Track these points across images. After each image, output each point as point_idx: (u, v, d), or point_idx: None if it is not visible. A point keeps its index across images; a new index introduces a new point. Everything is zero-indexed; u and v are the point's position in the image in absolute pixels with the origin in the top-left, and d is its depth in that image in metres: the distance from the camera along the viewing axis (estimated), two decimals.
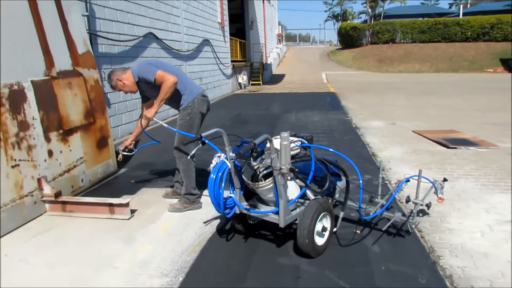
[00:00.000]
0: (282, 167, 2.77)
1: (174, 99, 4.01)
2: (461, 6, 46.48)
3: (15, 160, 3.67)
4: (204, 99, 4.14)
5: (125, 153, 4.28)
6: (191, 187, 4.07)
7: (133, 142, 4.34)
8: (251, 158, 2.97)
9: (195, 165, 4.13)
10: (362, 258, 3.09)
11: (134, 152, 4.37)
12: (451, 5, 68.76)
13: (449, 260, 3.04)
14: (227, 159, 2.98)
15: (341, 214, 3.37)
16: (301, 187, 3.16)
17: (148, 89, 4.01)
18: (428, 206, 3.48)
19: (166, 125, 3.93)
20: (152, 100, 4.08)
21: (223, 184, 3.00)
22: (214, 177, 2.98)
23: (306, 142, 3.25)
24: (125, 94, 7.99)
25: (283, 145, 2.75)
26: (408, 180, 3.56)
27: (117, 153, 4.39)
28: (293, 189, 3.08)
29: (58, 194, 4.04)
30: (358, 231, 3.50)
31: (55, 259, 3.14)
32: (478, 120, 9.00)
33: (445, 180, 3.58)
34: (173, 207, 4.06)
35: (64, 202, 4.03)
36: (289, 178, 2.92)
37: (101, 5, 7.26)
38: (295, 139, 3.19)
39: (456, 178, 4.93)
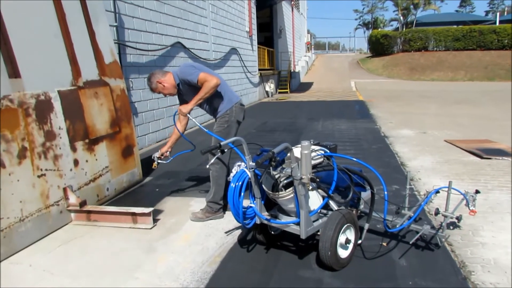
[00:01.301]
0: (303, 177, 2.69)
1: (213, 104, 4.01)
2: (498, 13, 45.26)
3: (41, 170, 3.72)
4: (241, 108, 4.13)
5: (160, 161, 4.23)
6: (219, 196, 4.02)
7: (170, 150, 4.30)
8: (271, 167, 2.91)
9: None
10: (388, 272, 2.96)
11: (169, 160, 4.28)
12: (487, 12, 67.24)
13: (481, 275, 2.88)
14: (247, 168, 2.93)
15: (366, 226, 3.25)
16: (323, 198, 3.07)
17: (188, 92, 3.96)
18: (458, 219, 3.32)
19: (205, 129, 3.89)
20: None
21: (242, 194, 2.94)
22: (234, 186, 2.94)
23: (329, 151, 3.16)
24: (152, 103, 8.18)
25: (304, 154, 2.68)
26: (437, 192, 3.41)
27: (152, 160, 4.29)
28: (315, 200, 3.00)
29: (83, 204, 4.08)
30: (385, 244, 3.37)
31: (78, 269, 3.15)
32: None
33: (477, 192, 3.41)
34: (195, 216, 4.03)
35: (89, 212, 4.07)
36: (310, 188, 2.83)
37: (130, 15, 7.40)
38: (317, 148, 3.11)
39: (490, 189, 4.71)
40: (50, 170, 3.82)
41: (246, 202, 3.04)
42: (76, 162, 4.17)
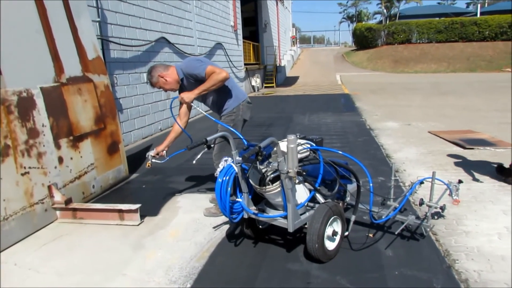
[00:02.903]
0: (289, 171, 2.70)
1: (218, 101, 3.91)
2: (479, 5, 45.75)
3: (25, 167, 3.67)
4: (248, 106, 4.03)
5: (155, 161, 3.92)
6: None
7: (166, 149, 4.00)
8: (257, 162, 2.92)
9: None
10: (375, 262, 3.00)
11: (165, 160, 3.94)
12: (468, 4, 67.95)
13: (465, 263, 2.93)
14: (234, 163, 2.93)
15: (353, 218, 3.28)
16: (310, 191, 3.10)
17: (192, 88, 3.77)
18: (442, 208, 3.38)
19: (212, 118, 3.70)
20: (183, 105, 3.97)
21: (229, 188, 2.95)
22: (221, 181, 2.94)
23: (315, 145, 3.18)
24: (137, 99, 8.12)
25: (290, 148, 2.69)
26: (422, 182, 3.47)
27: (146, 159, 3.95)
28: (301, 193, 3.02)
29: (68, 201, 4.04)
30: (371, 235, 3.41)
31: (65, 267, 3.13)
32: (496, 120, 8.78)
33: (460, 182, 3.47)
34: (209, 211, 3.99)
35: (74, 209, 4.03)
36: (297, 181, 2.85)
37: (113, 11, 7.31)
38: (303, 141, 3.13)
39: (473, 179, 4.79)
40: (34, 168, 3.78)
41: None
42: (60, 160, 4.13)
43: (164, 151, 3.99)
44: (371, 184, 3.28)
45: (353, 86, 19.74)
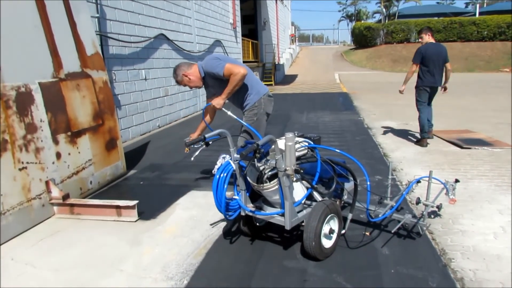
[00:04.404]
0: (287, 168, 2.71)
1: (240, 96, 3.97)
2: (478, 5, 45.76)
3: (22, 162, 3.67)
4: (270, 99, 4.11)
5: (192, 145, 3.75)
6: None
7: (200, 136, 3.86)
8: (255, 159, 2.92)
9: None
10: (371, 261, 3.01)
11: (201, 144, 3.82)
12: (467, 4, 68.01)
13: (461, 262, 2.95)
14: (232, 160, 2.94)
15: (350, 216, 3.30)
16: (307, 189, 3.11)
17: (214, 85, 3.92)
18: (439, 207, 3.39)
19: (242, 122, 3.85)
20: (209, 100, 4.08)
21: (225, 186, 2.96)
22: (218, 177, 2.95)
23: (312, 143, 3.19)
24: (136, 96, 8.10)
25: (288, 146, 2.70)
26: (418, 181, 3.48)
27: (185, 145, 3.84)
28: (299, 191, 3.02)
29: (66, 197, 4.04)
30: (368, 233, 3.43)
31: (61, 262, 3.13)
32: (494, 120, 8.81)
33: (456, 181, 3.48)
34: None
35: (72, 205, 4.03)
36: (294, 179, 2.86)
37: (112, 7, 7.29)
38: (301, 139, 3.13)
39: (470, 179, 4.81)
40: (31, 163, 3.78)
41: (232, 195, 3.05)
42: (58, 155, 4.13)
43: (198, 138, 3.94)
44: (368, 183, 3.30)
45: (352, 85, 19.75)
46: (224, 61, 3.75)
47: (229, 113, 3.82)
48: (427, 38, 6.61)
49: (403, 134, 7.66)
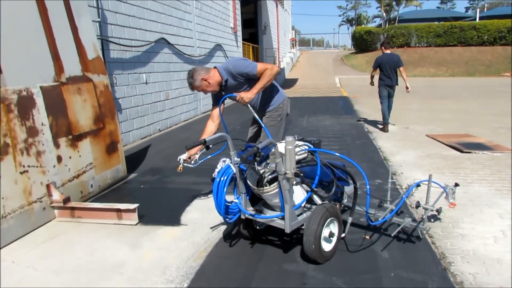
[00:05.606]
0: (287, 172, 2.72)
1: (264, 98, 3.95)
2: (478, 10, 45.83)
3: (23, 166, 3.69)
4: (289, 101, 4.20)
5: (186, 164, 3.77)
6: None
7: (199, 153, 3.81)
8: (255, 163, 2.94)
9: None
10: (371, 264, 3.02)
11: (198, 164, 3.80)
12: (467, 9, 68.18)
13: (461, 266, 2.96)
14: (232, 164, 2.95)
15: (350, 220, 3.30)
16: (307, 192, 3.12)
17: (235, 87, 3.77)
18: (438, 211, 3.40)
19: (261, 122, 3.80)
20: (217, 107, 3.95)
21: (225, 189, 2.97)
22: (219, 181, 2.96)
23: (312, 147, 3.20)
24: (136, 100, 8.13)
25: (288, 149, 2.71)
26: (418, 185, 3.49)
27: (178, 163, 3.79)
28: (299, 194, 3.03)
29: (66, 200, 4.05)
30: (367, 237, 3.43)
31: (62, 265, 3.14)
32: (494, 125, 8.83)
33: (456, 185, 3.49)
34: None
35: (72, 208, 4.04)
36: (294, 182, 2.87)
37: (113, 11, 7.32)
38: (301, 143, 3.15)
39: (470, 183, 4.82)
40: (32, 166, 3.79)
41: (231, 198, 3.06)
42: (59, 159, 4.14)
43: (197, 155, 3.83)
44: (368, 186, 3.31)
45: (352, 89, 19.75)
46: (252, 62, 3.74)
47: (251, 109, 3.79)
48: (383, 50, 8.83)
49: (403, 138, 7.67)
